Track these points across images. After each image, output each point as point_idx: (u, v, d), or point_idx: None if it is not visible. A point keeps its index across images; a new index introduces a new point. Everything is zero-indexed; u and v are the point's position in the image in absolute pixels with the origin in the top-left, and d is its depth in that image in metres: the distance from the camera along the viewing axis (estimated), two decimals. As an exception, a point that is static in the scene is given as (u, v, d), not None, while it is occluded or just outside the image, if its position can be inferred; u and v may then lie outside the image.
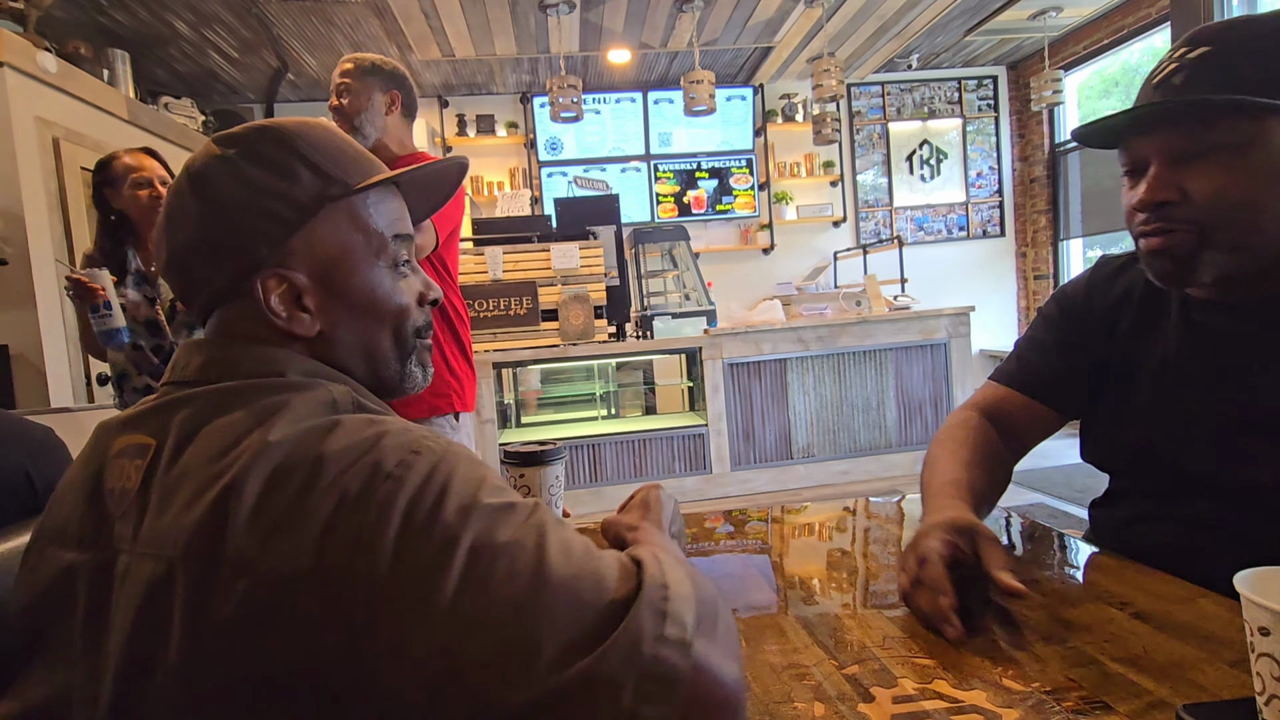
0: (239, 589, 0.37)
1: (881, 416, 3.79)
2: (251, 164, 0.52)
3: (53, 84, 2.86)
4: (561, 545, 0.40)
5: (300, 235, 0.52)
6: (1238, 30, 0.63)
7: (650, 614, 0.37)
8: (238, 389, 0.47)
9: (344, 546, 0.37)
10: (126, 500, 0.45)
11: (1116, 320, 0.81)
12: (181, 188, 0.53)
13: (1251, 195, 0.61)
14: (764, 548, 0.97)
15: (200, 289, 0.53)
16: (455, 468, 0.41)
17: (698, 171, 5.50)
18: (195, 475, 0.42)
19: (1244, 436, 0.68)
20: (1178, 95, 0.63)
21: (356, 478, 0.39)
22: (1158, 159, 0.66)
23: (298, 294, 0.52)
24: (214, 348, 0.51)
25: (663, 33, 4.40)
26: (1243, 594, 0.45)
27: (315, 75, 4.75)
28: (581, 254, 3.57)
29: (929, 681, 0.56)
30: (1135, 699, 0.52)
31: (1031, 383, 0.88)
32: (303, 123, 0.56)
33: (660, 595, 0.38)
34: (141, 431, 0.47)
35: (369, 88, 1.71)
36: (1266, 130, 0.60)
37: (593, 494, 3.56)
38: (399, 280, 0.57)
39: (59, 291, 2.81)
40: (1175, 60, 0.64)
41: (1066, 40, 5.08)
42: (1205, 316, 0.72)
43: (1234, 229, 0.63)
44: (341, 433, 0.42)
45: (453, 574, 0.37)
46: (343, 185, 0.54)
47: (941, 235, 5.75)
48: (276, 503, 0.39)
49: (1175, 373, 0.74)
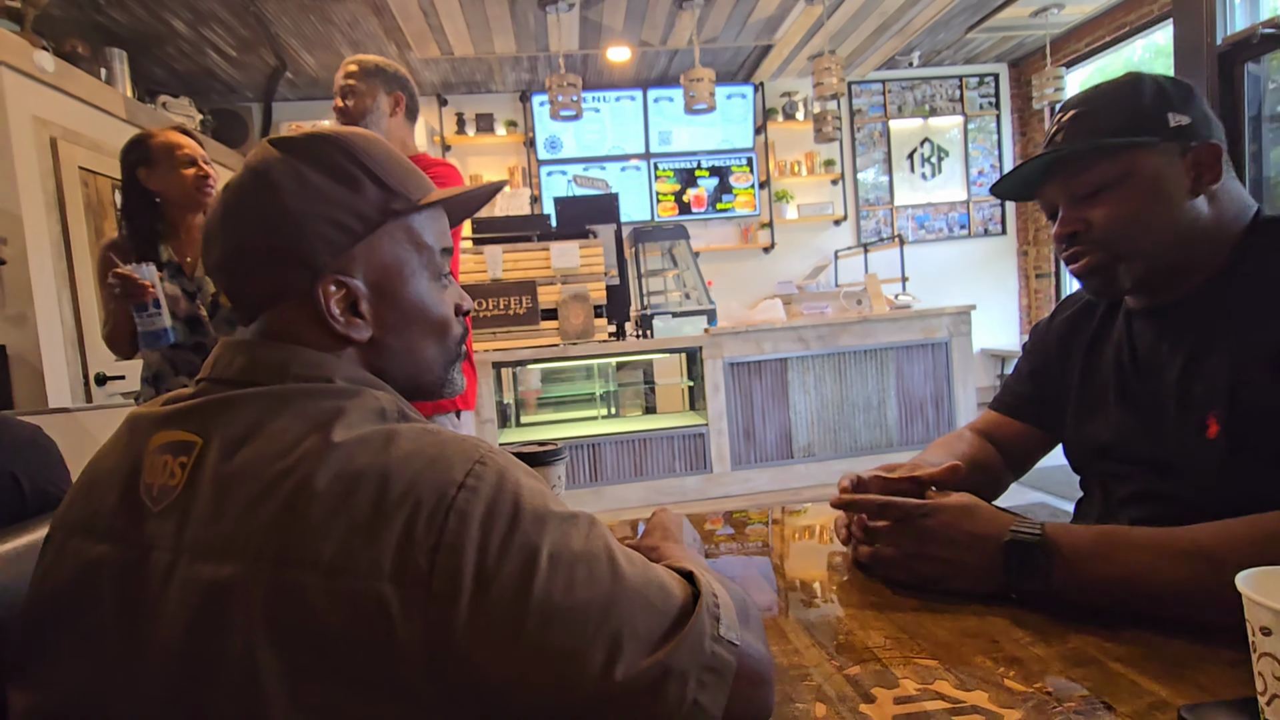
0: (324, 592, 0.39)
1: (882, 416, 3.79)
2: (319, 171, 0.53)
3: (50, 83, 2.86)
4: (625, 556, 0.46)
5: (362, 244, 0.54)
6: (1098, 93, 0.80)
7: (708, 618, 0.44)
8: (290, 393, 0.47)
9: (427, 551, 0.40)
10: (168, 497, 0.45)
11: (1073, 340, 0.93)
12: (245, 186, 0.53)
13: (1136, 213, 0.76)
14: (765, 549, 0.97)
15: (255, 289, 0.53)
16: (519, 478, 0.45)
17: (698, 170, 5.50)
18: (256, 476, 0.43)
19: (1174, 423, 0.78)
20: (1061, 148, 0.79)
21: (431, 487, 0.41)
22: (1063, 201, 0.81)
23: (354, 300, 0.53)
24: (260, 349, 0.51)
25: (662, 30, 4.40)
26: (1244, 594, 0.45)
27: (313, 74, 4.75)
28: (581, 253, 3.57)
29: (930, 682, 0.56)
30: (1136, 699, 0.52)
31: (1016, 405, 1.02)
32: (361, 134, 0.57)
33: (713, 601, 0.46)
34: (184, 429, 0.47)
35: (374, 89, 1.71)
36: (1134, 161, 0.76)
37: (593, 494, 3.56)
38: (442, 291, 0.59)
39: (57, 291, 2.81)
40: (1057, 124, 0.82)
41: (1068, 37, 5.07)
42: (1139, 322, 0.84)
43: (1131, 241, 0.77)
44: (403, 440, 0.44)
45: (539, 578, 0.41)
46: (404, 200, 0.56)
47: (942, 234, 5.75)
48: (352, 509, 0.41)
49: (1119, 374, 0.85)
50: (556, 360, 3.55)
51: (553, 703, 0.40)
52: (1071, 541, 0.66)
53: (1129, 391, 0.83)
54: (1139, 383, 0.82)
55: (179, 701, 0.41)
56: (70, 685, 0.45)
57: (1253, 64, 3.15)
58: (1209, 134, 0.76)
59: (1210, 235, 0.76)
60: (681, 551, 0.62)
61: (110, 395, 3.00)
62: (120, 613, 0.44)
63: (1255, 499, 0.64)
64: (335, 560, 0.39)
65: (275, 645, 0.39)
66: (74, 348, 2.89)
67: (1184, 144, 0.75)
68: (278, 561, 0.40)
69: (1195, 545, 0.62)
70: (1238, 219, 0.77)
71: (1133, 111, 0.76)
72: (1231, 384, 0.71)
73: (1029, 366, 1.00)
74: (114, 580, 0.45)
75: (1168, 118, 0.75)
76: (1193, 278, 0.78)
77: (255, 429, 0.45)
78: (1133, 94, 0.77)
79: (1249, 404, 0.70)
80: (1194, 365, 0.76)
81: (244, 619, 0.40)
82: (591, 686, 0.40)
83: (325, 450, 0.43)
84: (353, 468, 0.42)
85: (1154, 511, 0.80)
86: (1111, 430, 0.85)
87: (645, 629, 0.42)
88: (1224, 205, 0.77)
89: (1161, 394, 0.79)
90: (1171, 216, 0.76)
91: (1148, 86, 0.77)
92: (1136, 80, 0.78)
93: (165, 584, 0.43)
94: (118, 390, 3.03)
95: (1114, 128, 0.76)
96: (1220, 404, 0.72)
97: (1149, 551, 0.64)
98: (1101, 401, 0.87)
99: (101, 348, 3.02)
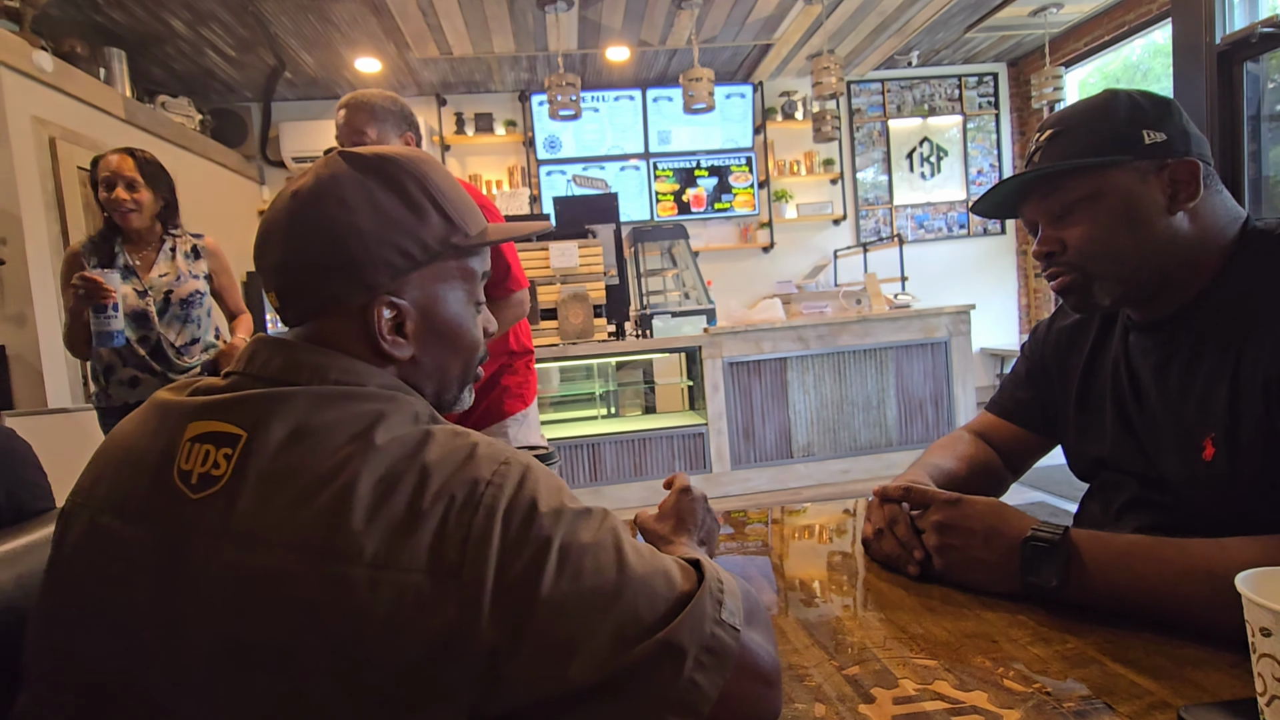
0: (368, 583, 0.41)
1: (882, 415, 3.79)
2: (392, 195, 0.55)
3: (49, 83, 2.86)
4: (633, 547, 0.48)
5: (418, 271, 0.56)
6: (1073, 112, 0.80)
7: (710, 600, 0.46)
8: (332, 394, 0.49)
9: (457, 544, 0.43)
10: (210, 486, 0.46)
11: (1071, 350, 0.93)
12: (318, 196, 0.54)
13: (1106, 235, 0.76)
14: (764, 549, 0.97)
15: (308, 297, 0.54)
16: (538, 477, 0.48)
17: (697, 170, 5.50)
18: (303, 472, 0.45)
19: (1171, 444, 0.77)
20: (1038, 168, 0.79)
21: (462, 485, 0.45)
22: (1042, 220, 0.81)
23: (401, 321, 0.55)
24: (301, 350, 0.52)
25: (661, 30, 4.39)
26: (1244, 594, 0.45)
27: (312, 74, 4.75)
28: (580, 253, 3.56)
29: (929, 682, 0.56)
30: (1135, 699, 0.52)
31: (1010, 409, 1.02)
32: (427, 161, 0.59)
33: (717, 586, 0.48)
34: (227, 420, 0.48)
35: (385, 134, 1.72)
36: (1104, 180, 0.75)
37: (592, 493, 3.56)
38: (476, 316, 0.62)
39: (56, 291, 2.81)
40: (1035, 145, 0.82)
41: (1067, 37, 5.07)
42: (1135, 336, 0.84)
43: (1104, 261, 0.77)
44: (436, 444, 0.47)
45: (549, 567, 0.43)
46: (464, 235, 0.58)
47: (942, 233, 5.75)
48: (393, 506, 0.43)
49: (1116, 391, 0.85)
50: (556, 360, 3.55)
51: (562, 686, 0.42)
52: (1091, 548, 0.66)
53: (1125, 411, 0.83)
54: (1135, 402, 0.82)
55: (222, 684, 0.43)
56: (105, 666, 0.46)
57: (1251, 63, 3.14)
58: (1186, 150, 0.75)
59: (1192, 251, 0.75)
60: (689, 550, 0.62)
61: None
62: (156, 595, 0.45)
63: (1253, 519, 0.65)
64: (378, 554, 0.42)
65: (320, 633, 0.41)
66: (73, 348, 2.88)
67: (1159, 161, 0.74)
68: (324, 555, 0.42)
69: (1224, 567, 0.58)
70: (1223, 232, 0.76)
71: (1107, 130, 0.76)
72: (1228, 407, 0.70)
73: (1026, 370, 1.00)
74: (150, 563, 0.46)
75: (1142, 135, 0.74)
76: (1181, 292, 0.77)
77: (300, 428, 0.47)
78: (1107, 112, 0.77)
79: (1246, 427, 0.69)
80: (1189, 385, 0.75)
81: (291, 606, 0.42)
82: (596, 671, 0.42)
83: (368, 452, 0.45)
84: (393, 470, 0.45)
85: (1153, 519, 0.80)
86: (1109, 447, 0.85)
87: (649, 613, 0.44)
88: (1207, 221, 0.75)
89: (1157, 415, 0.79)
90: (1145, 234, 0.75)
91: (1122, 104, 0.77)
92: (1111, 98, 0.78)
93: (205, 569, 0.44)
94: (117, 390, 3.02)
95: (1087, 146, 0.76)
96: (1217, 426, 0.71)
97: (1171, 567, 0.63)
98: (1098, 418, 0.87)
99: (100, 348, 3.02)
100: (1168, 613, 0.62)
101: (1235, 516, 0.67)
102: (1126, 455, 0.83)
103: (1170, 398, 0.77)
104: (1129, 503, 0.83)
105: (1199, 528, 0.67)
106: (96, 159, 1.94)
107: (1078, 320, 0.93)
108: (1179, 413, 0.76)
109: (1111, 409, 0.85)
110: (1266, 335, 0.69)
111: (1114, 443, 0.84)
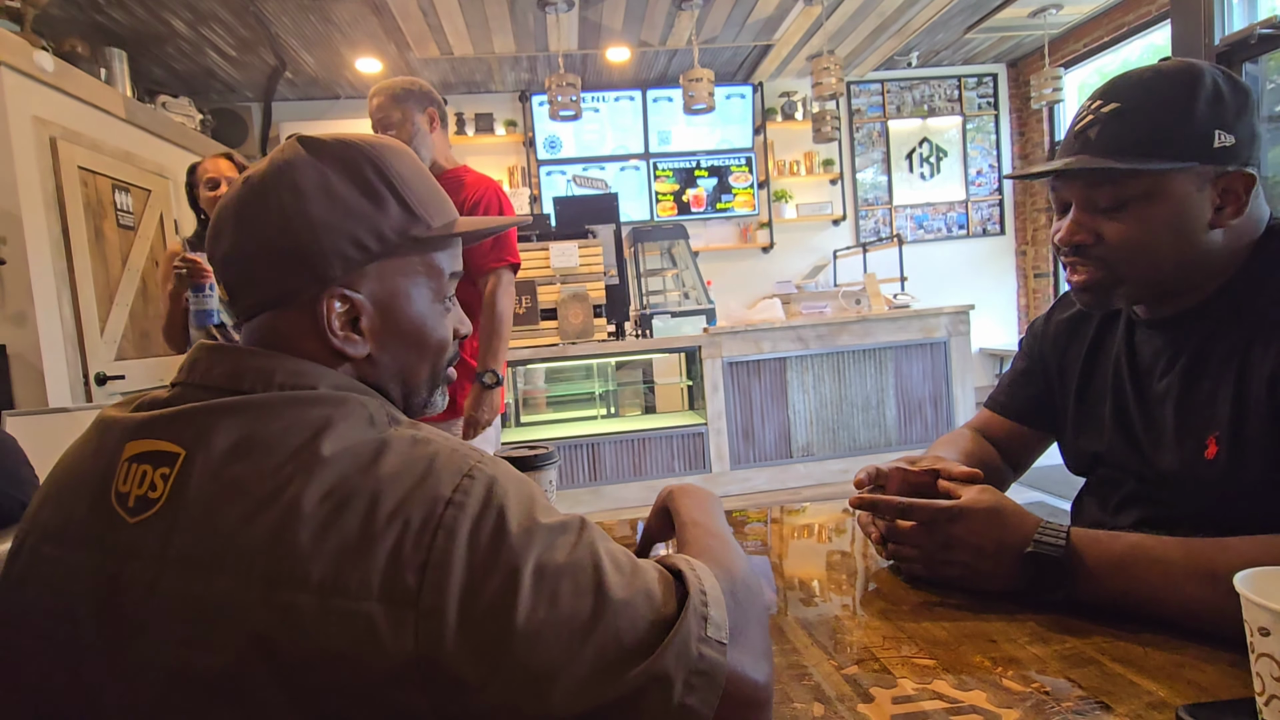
0: (317, 612, 0.39)
1: (881, 415, 3.79)
2: (347, 182, 0.52)
3: (50, 83, 2.85)
4: (613, 563, 0.44)
5: (375, 264, 0.53)
6: (1142, 86, 0.71)
7: (695, 619, 0.43)
8: (275, 401, 0.46)
9: (415, 569, 0.40)
10: (147, 509, 0.44)
11: (1072, 341, 0.91)
12: (269, 183, 0.51)
13: (1151, 241, 0.71)
14: (764, 549, 0.97)
15: (256, 290, 0.51)
16: (506, 489, 0.44)
17: (697, 170, 5.50)
18: (245, 492, 0.42)
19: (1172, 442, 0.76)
20: (1092, 147, 0.72)
21: (420, 504, 0.41)
22: (1077, 205, 0.75)
23: (356, 316, 0.52)
24: (245, 356, 0.49)
25: (661, 31, 4.39)
26: (1243, 594, 0.45)
27: (313, 73, 4.75)
28: (580, 253, 3.56)
29: (928, 682, 0.56)
30: (1135, 699, 0.52)
31: (1009, 405, 1.00)
32: (392, 148, 0.56)
33: (701, 600, 0.44)
34: (164, 437, 0.45)
35: (409, 113, 1.75)
36: (1168, 183, 0.69)
37: (592, 493, 3.56)
38: (444, 315, 0.59)
39: (57, 291, 2.81)
40: (1091, 112, 0.73)
41: (1066, 38, 5.07)
42: (1140, 333, 0.82)
43: (1137, 267, 0.73)
44: (391, 454, 0.44)
45: (523, 595, 0.40)
46: (425, 226, 0.55)
47: (941, 233, 5.75)
48: (342, 530, 0.41)
49: (1117, 388, 0.83)
50: (556, 360, 3.55)
51: (543, 717, 0.40)
52: (1096, 554, 0.65)
53: (1126, 408, 0.82)
54: (1137, 399, 0.80)
55: (177, 714, 0.41)
56: (57, 699, 0.44)
57: (1250, 64, 3.15)
58: (1249, 158, 0.69)
59: (1217, 261, 0.72)
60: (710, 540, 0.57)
61: (110, 395, 3.00)
62: (100, 624, 0.43)
63: (1251, 517, 0.64)
64: (325, 581, 0.39)
65: (270, 660, 0.39)
66: (74, 347, 2.88)
67: (1220, 168, 0.68)
68: (268, 581, 0.40)
69: (1227, 568, 0.57)
70: (1248, 237, 0.73)
71: (1183, 125, 0.68)
72: (1233, 406, 0.69)
73: (1025, 366, 0.99)
74: (90, 591, 0.44)
75: (1215, 135, 0.67)
76: (1197, 293, 0.75)
77: (241, 441, 0.44)
78: (1186, 100, 0.68)
79: (1250, 425, 0.68)
80: (1194, 384, 0.74)
81: (238, 636, 0.39)
82: (579, 701, 0.40)
83: (314, 465, 0.42)
84: (342, 487, 0.42)
85: (1151, 515, 0.79)
86: (1107, 444, 0.84)
87: (631, 639, 0.42)
88: (1240, 231, 0.72)
89: (1159, 413, 0.77)
90: (1186, 246, 0.71)
91: (1206, 90, 0.68)
92: (1195, 81, 0.68)
93: (148, 597, 0.42)
94: (118, 390, 3.03)
95: (1154, 140, 0.68)
96: (1221, 426, 0.70)
97: (1174, 569, 0.62)
98: (1098, 415, 0.85)
99: (102, 347, 3.03)
100: (1171, 615, 0.62)
101: (1232, 514, 0.66)
102: (1122, 451, 0.82)
103: (1175, 394, 0.76)
104: (1126, 498, 0.83)
105: (1196, 524, 0.67)
106: (194, 165, 2.13)
107: (1078, 312, 0.91)
108: (1183, 410, 0.75)
109: (1110, 404, 0.84)
110: (1274, 333, 0.68)
111: (1110, 439, 0.83)
